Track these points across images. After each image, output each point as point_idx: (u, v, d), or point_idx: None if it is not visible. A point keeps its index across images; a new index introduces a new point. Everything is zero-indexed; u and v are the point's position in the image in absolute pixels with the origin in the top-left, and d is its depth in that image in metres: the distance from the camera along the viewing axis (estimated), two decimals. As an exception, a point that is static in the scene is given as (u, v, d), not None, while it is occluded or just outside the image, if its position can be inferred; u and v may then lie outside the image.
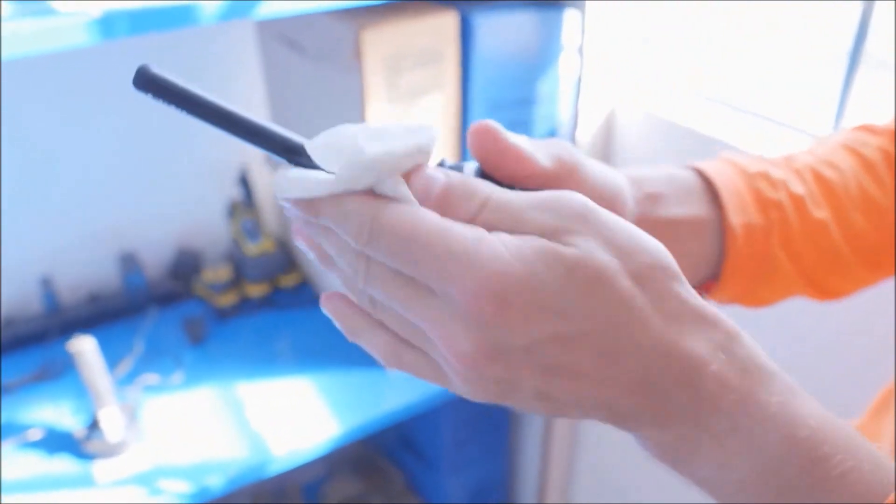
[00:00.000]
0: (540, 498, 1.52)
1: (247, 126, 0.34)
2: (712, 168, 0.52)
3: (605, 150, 1.15)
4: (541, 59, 1.02)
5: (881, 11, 0.87)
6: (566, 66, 1.04)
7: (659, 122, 1.05)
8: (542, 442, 1.43)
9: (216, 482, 1.01)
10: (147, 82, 0.32)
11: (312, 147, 0.35)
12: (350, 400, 1.14)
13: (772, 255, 0.52)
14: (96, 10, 0.71)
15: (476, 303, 0.29)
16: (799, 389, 0.34)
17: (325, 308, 0.37)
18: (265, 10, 0.77)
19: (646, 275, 0.31)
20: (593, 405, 0.33)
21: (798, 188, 0.53)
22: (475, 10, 0.97)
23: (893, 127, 0.59)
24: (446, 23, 0.95)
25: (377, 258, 0.32)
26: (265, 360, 1.22)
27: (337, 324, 0.38)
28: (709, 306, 0.33)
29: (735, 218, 0.50)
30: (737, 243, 0.50)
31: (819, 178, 0.55)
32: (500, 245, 0.30)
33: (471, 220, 0.31)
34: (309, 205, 0.33)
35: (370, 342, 0.36)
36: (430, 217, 0.31)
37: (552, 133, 1.08)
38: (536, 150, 0.38)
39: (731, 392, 0.32)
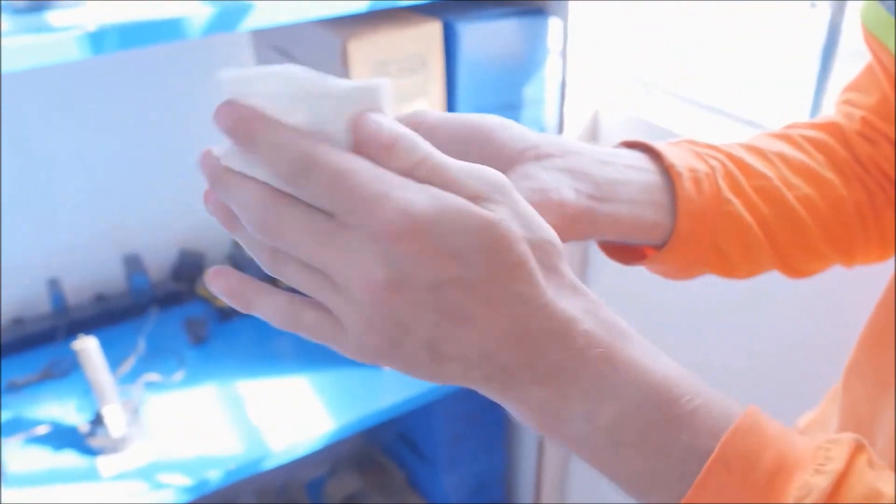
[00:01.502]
0: (536, 494, 1.55)
1: None
2: (632, 140, 0.55)
3: (592, 152, 1.17)
4: (525, 64, 1.05)
5: (854, 4, 0.89)
6: (550, 70, 1.07)
7: (642, 125, 1.08)
8: (539, 438, 1.45)
9: (215, 475, 1.04)
10: None
11: (225, 76, 0.35)
12: (347, 397, 1.17)
13: (724, 198, 0.52)
14: (91, 23, 0.75)
15: (393, 234, 0.32)
16: (654, 348, 0.38)
17: (213, 284, 0.38)
18: (250, 23, 0.80)
19: (541, 246, 0.36)
20: (477, 355, 0.35)
21: (732, 150, 0.56)
22: (459, 18, 1.00)
23: (815, 121, 0.61)
24: (431, 31, 0.98)
25: (302, 194, 0.34)
26: (264, 360, 1.25)
27: (228, 298, 0.38)
28: (580, 282, 0.38)
29: (676, 160, 0.51)
30: (683, 186, 0.50)
31: (748, 147, 0.57)
32: (425, 193, 0.33)
33: (406, 174, 0.34)
34: (248, 123, 0.34)
35: (267, 308, 0.37)
36: (366, 162, 0.33)
37: (539, 136, 1.11)
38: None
39: (596, 346, 0.36)
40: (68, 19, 0.78)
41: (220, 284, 0.38)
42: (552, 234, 0.37)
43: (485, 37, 1.02)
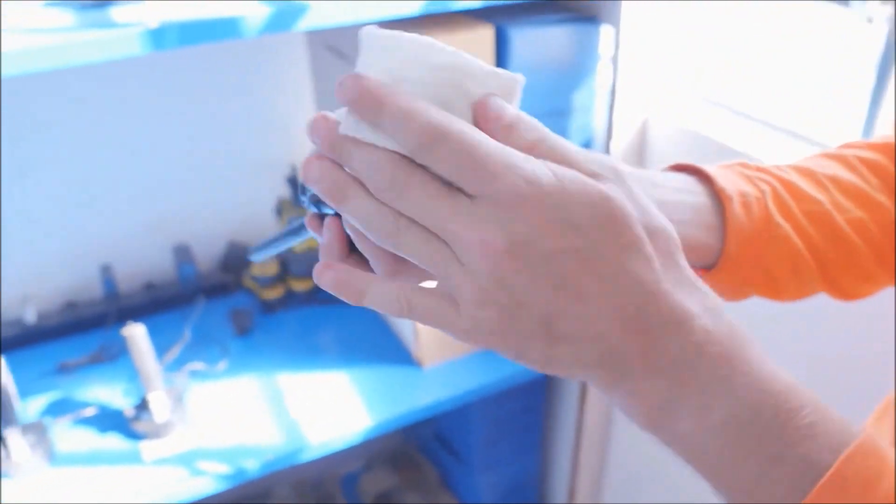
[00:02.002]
0: (570, 497, 1.54)
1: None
2: (684, 164, 0.55)
3: (639, 160, 1.17)
4: (575, 70, 1.05)
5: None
6: (600, 77, 1.07)
7: (690, 135, 1.07)
8: (574, 441, 1.45)
9: (253, 466, 1.06)
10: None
11: (371, 31, 0.36)
12: (386, 394, 1.18)
13: (774, 222, 0.52)
14: (153, 20, 0.77)
15: (516, 201, 0.33)
16: (770, 357, 0.37)
17: (322, 279, 0.38)
18: (305, 24, 0.82)
19: (656, 233, 0.36)
20: (591, 336, 0.35)
21: (783, 173, 0.55)
22: (512, 23, 1.01)
23: (872, 141, 0.61)
24: (483, 35, 0.99)
25: (437, 161, 0.34)
26: (306, 353, 1.27)
27: (337, 290, 0.38)
28: (700, 281, 0.37)
29: (726, 184, 0.51)
30: (733, 210, 0.50)
31: (800, 170, 0.56)
32: (547, 166, 0.34)
33: (527, 151, 0.35)
34: (374, 94, 0.34)
35: (379, 296, 0.37)
36: (491, 138, 0.35)
37: (587, 143, 1.11)
38: None
39: (716, 344, 0.35)
40: (130, 15, 0.81)
41: (328, 278, 0.38)
42: (668, 225, 0.37)
43: (536, 42, 1.02)
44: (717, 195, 0.51)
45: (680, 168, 0.54)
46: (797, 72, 1.02)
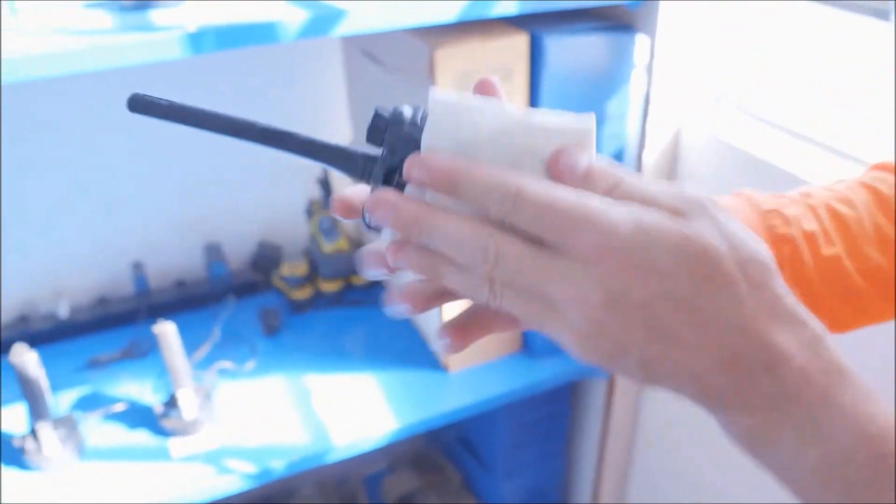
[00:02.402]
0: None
1: (236, 127, 0.40)
2: (726, 203, 0.54)
3: (671, 171, 1.16)
4: (609, 79, 1.05)
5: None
6: (634, 87, 1.06)
7: (723, 147, 1.07)
8: (598, 448, 1.45)
9: (279, 465, 1.07)
10: (139, 105, 0.40)
11: (439, 98, 0.36)
12: (411, 397, 1.18)
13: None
14: (191, 24, 0.78)
15: (602, 258, 0.34)
16: (872, 391, 0.37)
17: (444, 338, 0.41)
18: (342, 29, 0.82)
19: (749, 266, 0.36)
20: (687, 376, 0.36)
21: (811, 225, 0.55)
22: (547, 31, 1.00)
23: None
24: (518, 43, 0.99)
25: (518, 224, 0.35)
26: (334, 354, 1.28)
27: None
28: (801, 306, 0.37)
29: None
30: None
31: (834, 213, 0.56)
32: (626, 211, 0.35)
33: (606, 195, 0.36)
34: (447, 173, 0.36)
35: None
36: (568, 189, 0.36)
37: (619, 153, 1.10)
38: None
39: (812, 387, 0.35)
40: (169, 19, 0.82)
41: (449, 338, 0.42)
42: (762, 250, 0.36)
43: (571, 51, 1.02)
44: None
45: None
46: (832, 84, 1.01)
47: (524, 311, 0.37)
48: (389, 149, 0.37)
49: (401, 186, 0.38)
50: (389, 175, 0.38)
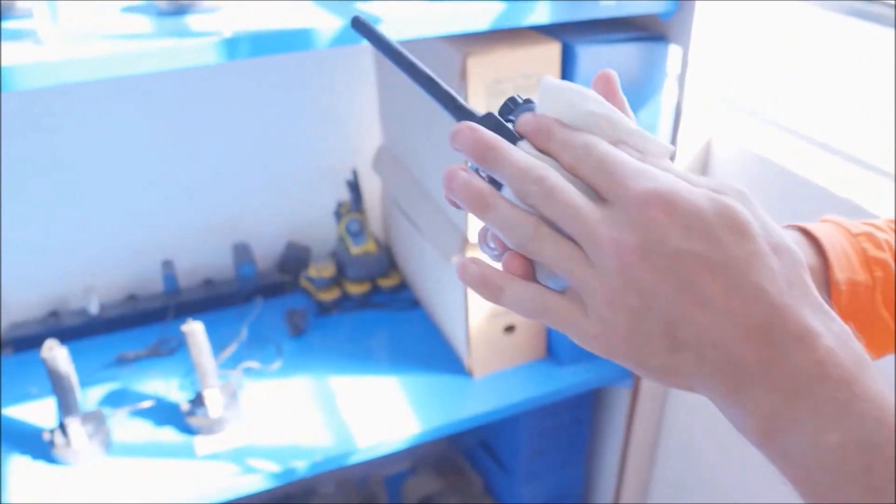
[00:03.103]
0: (614, 516, 1.54)
1: (424, 78, 0.44)
2: (816, 227, 0.54)
3: (701, 181, 1.16)
4: (641, 89, 1.05)
5: None
6: (666, 96, 1.06)
7: (753, 157, 1.06)
8: (620, 457, 1.44)
9: (302, 466, 1.08)
10: (358, 26, 0.44)
11: (549, 85, 0.42)
12: (435, 401, 1.19)
13: (876, 314, 0.52)
14: (227, 30, 0.79)
15: (647, 203, 0.36)
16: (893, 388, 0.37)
17: (465, 274, 0.41)
18: (376, 38, 0.83)
19: (782, 251, 0.37)
20: (712, 343, 0.36)
21: None
22: (579, 40, 1.00)
23: None
24: (549, 51, 0.99)
25: (581, 170, 0.38)
26: (359, 356, 1.29)
27: (479, 286, 0.40)
28: (828, 306, 0.37)
29: (840, 274, 0.51)
30: (841, 300, 0.51)
31: None
32: (678, 178, 0.37)
33: None
34: (546, 125, 0.40)
35: (517, 294, 0.40)
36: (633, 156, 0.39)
37: (649, 162, 1.10)
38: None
39: (838, 367, 0.35)
40: (206, 24, 0.83)
41: (472, 273, 0.41)
42: (794, 247, 0.38)
43: (603, 59, 1.02)
44: (828, 285, 0.51)
45: (799, 229, 0.54)
46: (865, 98, 1.00)
47: (559, 256, 0.38)
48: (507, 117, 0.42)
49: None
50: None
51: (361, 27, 0.43)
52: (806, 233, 0.53)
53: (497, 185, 0.40)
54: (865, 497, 0.34)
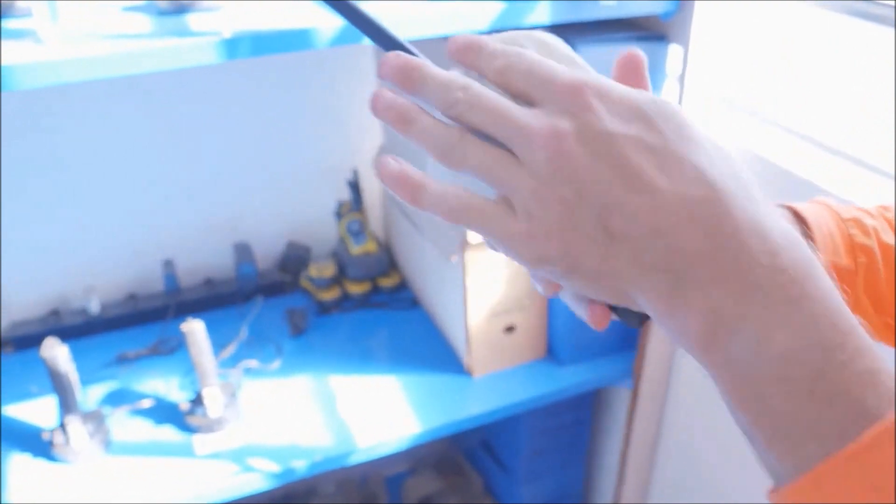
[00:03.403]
0: (614, 516, 1.54)
1: (389, 39, 0.42)
2: (805, 207, 0.53)
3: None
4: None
5: None
6: (666, 96, 1.06)
7: (753, 157, 1.06)
8: (620, 456, 1.44)
9: (301, 466, 1.08)
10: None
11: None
12: (435, 401, 1.19)
13: (856, 300, 0.52)
14: (227, 30, 0.79)
15: (579, 89, 0.34)
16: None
17: (383, 172, 0.38)
18: (376, 37, 0.83)
19: (724, 149, 0.35)
20: (652, 230, 0.33)
21: (889, 238, 0.53)
22: (579, 40, 1.00)
23: None
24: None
25: (512, 79, 0.36)
26: (359, 356, 1.29)
27: (398, 186, 0.38)
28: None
29: (823, 256, 0.50)
30: None
31: None
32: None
33: None
34: (481, 40, 0.38)
35: (437, 195, 0.37)
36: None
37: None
38: None
39: (790, 263, 0.33)
40: (206, 24, 0.83)
41: (391, 171, 0.38)
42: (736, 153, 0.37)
43: (603, 59, 1.01)
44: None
45: (787, 208, 0.53)
46: (867, 99, 1.00)
47: (487, 163, 0.36)
48: None
49: None
50: None
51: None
52: (794, 213, 0.53)
53: None
54: (813, 404, 0.32)
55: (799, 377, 0.32)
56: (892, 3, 0.92)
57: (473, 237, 1.10)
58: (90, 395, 1.19)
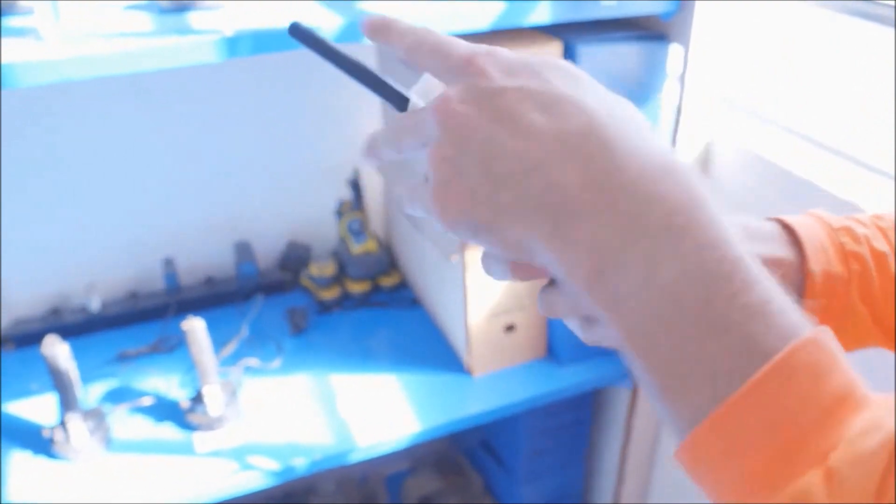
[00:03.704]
0: (614, 515, 1.54)
1: (368, 76, 0.45)
2: (795, 219, 0.53)
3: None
4: (642, 88, 1.05)
5: None
6: (666, 96, 1.06)
7: (754, 158, 1.06)
8: (620, 456, 1.44)
9: (301, 464, 1.08)
10: (296, 33, 0.45)
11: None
12: (435, 400, 1.19)
13: (851, 307, 0.52)
14: (229, 29, 0.79)
15: (471, 58, 0.37)
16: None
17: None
18: (377, 36, 0.83)
19: (615, 95, 0.37)
20: (531, 170, 0.34)
21: (881, 245, 0.53)
22: (580, 40, 1.00)
23: None
24: (550, 51, 0.99)
25: (419, 48, 0.40)
26: (359, 355, 1.29)
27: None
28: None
29: (816, 266, 0.50)
30: (815, 290, 0.50)
31: None
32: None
33: None
34: (390, 20, 0.44)
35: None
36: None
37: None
38: None
39: (674, 191, 0.32)
40: (207, 22, 0.83)
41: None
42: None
43: (604, 59, 1.02)
44: (803, 275, 0.50)
45: (777, 222, 0.53)
46: (868, 99, 1.00)
47: (410, 144, 0.40)
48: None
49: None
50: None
51: (299, 33, 0.45)
52: (784, 226, 0.53)
53: None
54: (702, 340, 0.31)
55: (685, 310, 0.31)
56: (892, 3, 0.93)
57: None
58: (91, 393, 1.19)
